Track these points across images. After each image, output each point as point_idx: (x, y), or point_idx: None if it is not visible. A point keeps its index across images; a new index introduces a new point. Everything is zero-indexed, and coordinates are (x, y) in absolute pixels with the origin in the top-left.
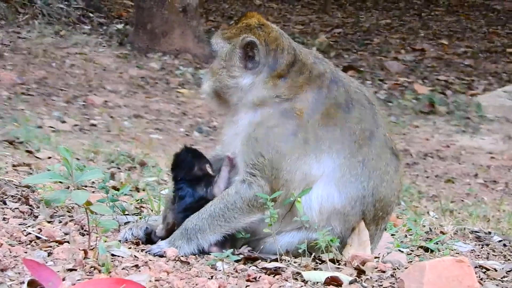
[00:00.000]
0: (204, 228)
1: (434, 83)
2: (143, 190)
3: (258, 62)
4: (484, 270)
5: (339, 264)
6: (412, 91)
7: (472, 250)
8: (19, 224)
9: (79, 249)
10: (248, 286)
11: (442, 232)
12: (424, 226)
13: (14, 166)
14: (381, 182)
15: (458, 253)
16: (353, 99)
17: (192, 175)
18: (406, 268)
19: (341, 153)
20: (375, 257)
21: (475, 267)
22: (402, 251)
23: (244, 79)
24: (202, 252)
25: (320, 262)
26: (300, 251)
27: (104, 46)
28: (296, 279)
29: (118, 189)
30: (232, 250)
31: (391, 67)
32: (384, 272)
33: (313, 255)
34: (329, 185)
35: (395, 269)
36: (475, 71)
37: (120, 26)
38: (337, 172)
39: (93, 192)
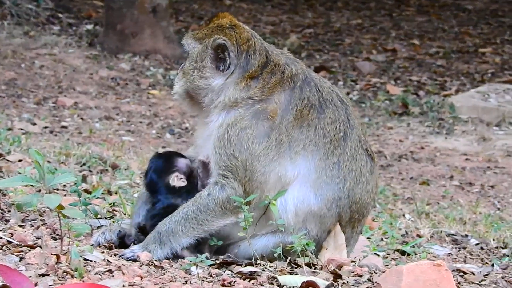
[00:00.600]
0: (177, 231)
1: (406, 84)
2: (116, 193)
3: (229, 64)
4: (461, 273)
5: (315, 268)
6: (385, 92)
7: (449, 253)
8: None
9: (51, 254)
10: None
11: (418, 235)
12: (400, 229)
13: None
14: (356, 184)
15: (435, 257)
16: (326, 100)
17: (162, 185)
18: (383, 272)
19: (316, 154)
20: (352, 261)
21: (453, 270)
22: (378, 255)
23: (215, 80)
24: (176, 257)
25: (296, 266)
26: (275, 255)
27: (73, 47)
28: (272, 283)
29: (90, 192)
30: (206, 254)
31: (363, 68)
32: (360, 276)
33: (288, 259)
34: (305, 186)
35: (372, 273)
36: (448, 71)
37: (89, 26)
38: (312, 173)
39: (65, 195)
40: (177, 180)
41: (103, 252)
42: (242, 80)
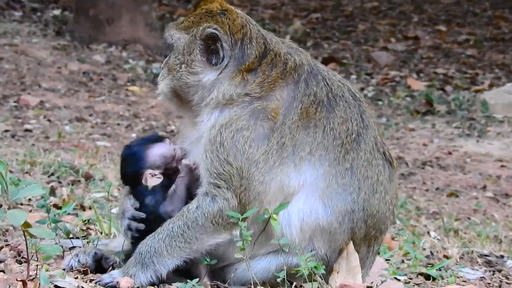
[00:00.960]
0: (161, 250)
1: (431, 78)
2: (90, 208)
3: (223, 57)
4: None
5: None
6: (406, 87)
7: (481, 277)
8: None
9: (17, 280)
10: None
11: (445, 256)
12: (424, 249)
13: None
14: (373, 194)
15: (465, 281)
16: (336, 95)
17: (131, 182)
18: None
19: (325, 159)
20: (368, 287)
21: None
22: (399, 279)
23: (207, 75)
24: (161, 282)
25: None
26: (278, 280)
27: (38, 36)
28: None
29: (60, 208)
30: (197, 279)
31: (379, 59)
32: None
33: (294, 285)
34: (312, 197)
35: None
36: (479, 62)
37: (57, 12)
38: (320, 181)
39: (30, 211)
40: (149, 178)
41: (76, 278)
42: (237, 74)
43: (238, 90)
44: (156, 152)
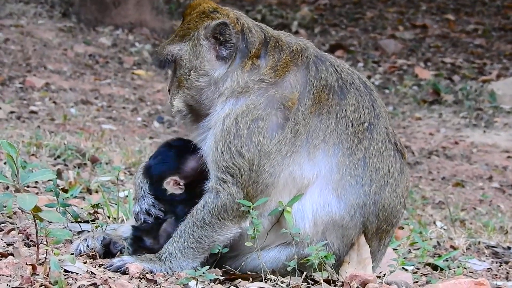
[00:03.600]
0: (175, 253)
1: (438, 67)
2: (96, 192)
3: (234, 44)
4: None
5: (335, 285)
6: (413, 76)
7: (488, 268)
8: None
9: (26, 264)
10: None
11: (452, 247)
12: (431, 239)
13: None
14: (384, 186)
15: (472, 272)
16: (347, 82)
17: (153, 179)
18: None
19: (339, 148)
20: (377, 277)
21: None
22: (406, 270)
23: (217, 71)
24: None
25: (312, 282)
26: (288, 269)
27: (44, 17)
28: None
29: (66, 191)
30: (207, 267)
31: (387, 47)
32: None
33: (304, 274)
34: (326, 189)
35: None
36: (487, 52)
37: None
38: (334, 172)
39: (37, 193)
40: (172, 185)
41: (85, 262)
42: (246, 62)
43: (252, 77)
44: (191, 164)
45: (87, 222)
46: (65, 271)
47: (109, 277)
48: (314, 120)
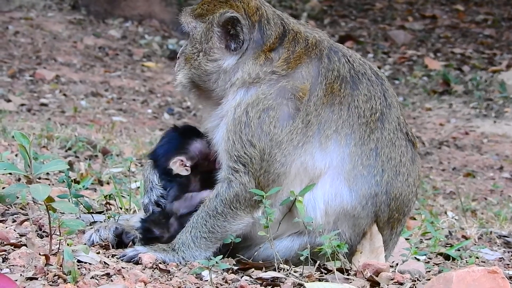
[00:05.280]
0: (188, 242)
1: (448, 57)
2: (107, 183)
3: (243, 40)
4: None
5: (348, 274)
6: (423, 67)
7: (500, 258)
8: None
9: (40, 254)
10: None
11: (464, 237)
12: (443, 229)
13: None
14: (396, 176)
15: (484, 262)
16: (359, 72)
17: (159, 161)
18: (428, 279)
19: (351, 138)
20: (390, 266)
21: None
22: (418, 259)
23: (226, 61)
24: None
25: (325, 271)
26: (301, 258)
27: (54, 10)
28: None
29: (78, 182)
30: (220, 256)
31: (396, 38)
32: (402, 284)
33: (317, 263)
34: (338, 179)
35: (415, 281)
36: (497, 42)
37: None
38: (346, 162)
39: (49, 185)
40: (179, 165)
41: (98, 253)
42: (260, 54)
43: (264, 68)
44: (197, 145)
45: (99, 213)
46: (78, 261)
47: (122, 267)
48: (326, 110)
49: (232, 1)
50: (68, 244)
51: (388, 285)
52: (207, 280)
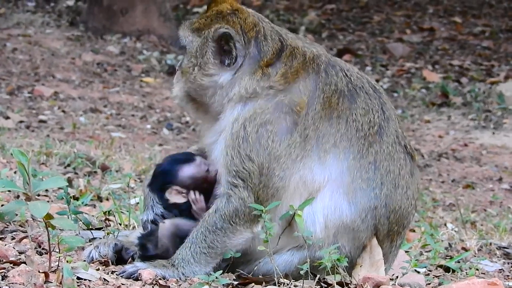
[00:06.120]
0: (188, 258)
1: (446, 69)
2: (107, 199)
3: (236, 57)
4: None
5: None
6: (421, 79)
7: (500, 269)
8: None
9: (39, 271)
10: None
11: (464, 248)
12: (443, 241)
13: None
14: (395, 189)
15: (484, 273)
16: (356, 86)
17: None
18: None
19: (349, 152)
20: (390, 279)
21: None
22: (418, 272)
23: (222, 76)
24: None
25: (325, 285)
26: (301, 272)
27: (52, 27)
28: None
29: (77, 199)
30: (220, 272)
31: (395, 50)
32: None
33: (317, 277)
34: (337, 193)
35: None
36: (495, 54)
37: (70, 2)
38: (345, 176)
39: (48, 201)
40: (174, 194)
41: (98, 269)
42: (257, 69)
43: (261, 83)
44: (186, 173)
45: (98, 229)
46: (78, 278)
47: (122, 284)
48: (324, 124)
49: (229, 16)
50: (67, 261)
51: None
52: None
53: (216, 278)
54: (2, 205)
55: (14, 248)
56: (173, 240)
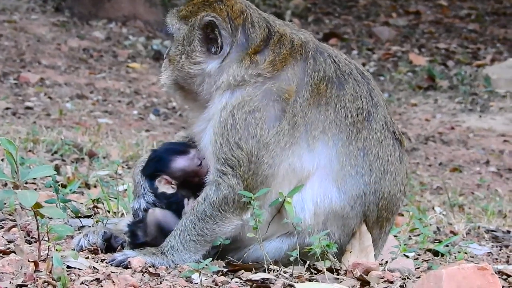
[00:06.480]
0: (177, 246)
1: (433, 53)
2: (95, 186)
3: (221, 45)
4: (504, 276)
5: (338, 274)
6: (407, 63)
7: (489, 252)
8: None
9: (28, 261)
10: None
11: (452, 232)
12: (431, 225)
13: None
14: (383, 175)
15: (472, 257)
16: (345, 72)
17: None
18: (417, 277)
19: (338, 139)
20: (379, 264)
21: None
22: (407, 256)
23: (209, 64)
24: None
25: (315, 272)
26: (291, 259)
27: (37, 12)
28: None
29: (65, 186)
30: (210, 259)
31: (381, 34)
32: (392, 282)
33: (307, 264)
34: (326, 180)
35: (405, 279)
36: (481, 37)
37: None
38: (334, 163)
39: (35, 189)
40: (164, 183)
41: (87, 258)
42: (245, 57)
43: (249, 71)
44: (178, 165)
45: (87, 217)
46: (68, 267)
47: (112, 272)
48: (313, 111)
49: (216, 4)
50: (57, 250)
51: (378, 283)
52: (197, 283)
53: (206, 265)
54: None
55: (3, 237)
56: (158, 229)
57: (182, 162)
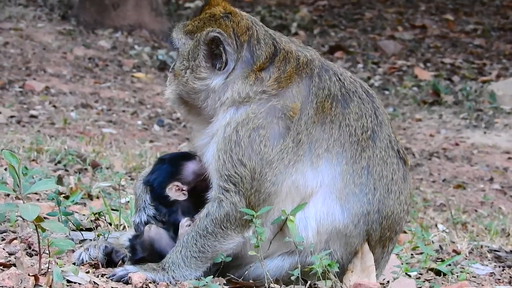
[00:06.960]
0: (178, 262)
1: (438, 67)
2: (97, 197)
3: (226, 61)
4: None
5: None
6: (413, 77)
7: (491, 273)
8: None
9: (29, 274)
10: None
11: (455, 251)
12: (433, 243)
13: None
14: (387, 194)
15: (475, 277)
16: (349, 90)
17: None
18: None
19: (342, 157)
20: (381, 284)
21: None
22: (409, 275)
23: (214, 80)
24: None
25: None
26: (292, 278)
27: (43, 20)
28: None
29: (67, 197)
30: (211, 276)
31: (386, 48)
32: None
33: (308, 283)
34: (330, 198)
35: None
36: (487, 52)
37: None
38: (338, 181)
39: (38, 200)
40: (175, 191)
41: (88, 272)
42: (250, 73)
43: (254, 88)
44: (190, 168)
45: (89, 230)
46: (68, 281)
47: (112, 287)
48: (317, 129)
49: (222, 20)
50: (57, 264)
51: None
52: None
53: (207, 282)
54: None
55: (4, 249)
56: (152, 247)
57: (192, 165)
